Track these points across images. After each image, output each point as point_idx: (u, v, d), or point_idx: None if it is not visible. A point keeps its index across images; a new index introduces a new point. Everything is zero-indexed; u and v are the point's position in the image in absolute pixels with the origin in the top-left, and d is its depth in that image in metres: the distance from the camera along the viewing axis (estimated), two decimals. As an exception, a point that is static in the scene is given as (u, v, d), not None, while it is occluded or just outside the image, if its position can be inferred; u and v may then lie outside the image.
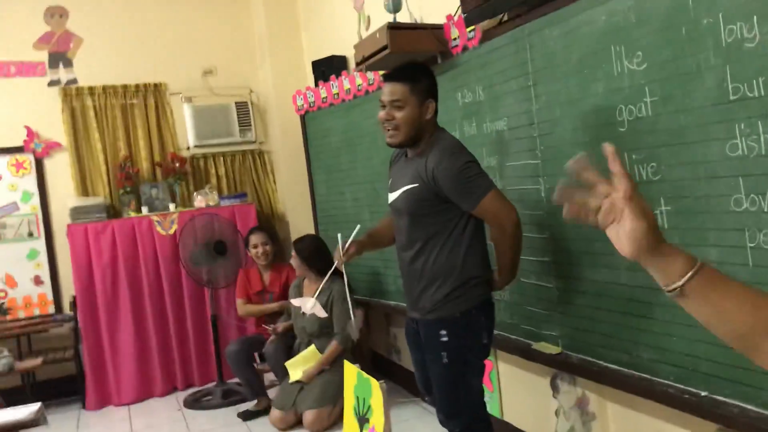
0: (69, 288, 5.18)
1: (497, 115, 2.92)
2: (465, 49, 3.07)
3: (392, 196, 2.58)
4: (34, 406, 3.09)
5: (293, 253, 4.21)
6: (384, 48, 3.16)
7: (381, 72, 3.66)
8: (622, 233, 0.95)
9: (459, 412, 2.55)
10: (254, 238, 4.69)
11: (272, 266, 4.76)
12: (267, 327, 4.38)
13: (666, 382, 2.20)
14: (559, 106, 2.53)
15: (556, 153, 2.58)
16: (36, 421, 3.01)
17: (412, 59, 2.75)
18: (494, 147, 2.96)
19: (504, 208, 2.39)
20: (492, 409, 3.23)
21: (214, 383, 5.00)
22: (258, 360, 4.46)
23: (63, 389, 5.06)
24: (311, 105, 4.86)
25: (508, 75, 2.81)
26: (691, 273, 0.94)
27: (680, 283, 0.95)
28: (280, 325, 4.35)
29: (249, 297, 4.68)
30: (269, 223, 5.71)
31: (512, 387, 3.36)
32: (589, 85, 2.36)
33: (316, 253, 4.15)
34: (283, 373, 4.16)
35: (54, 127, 5.28)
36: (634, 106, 2.18)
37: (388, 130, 2.47)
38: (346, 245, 2.71)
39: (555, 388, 2.96)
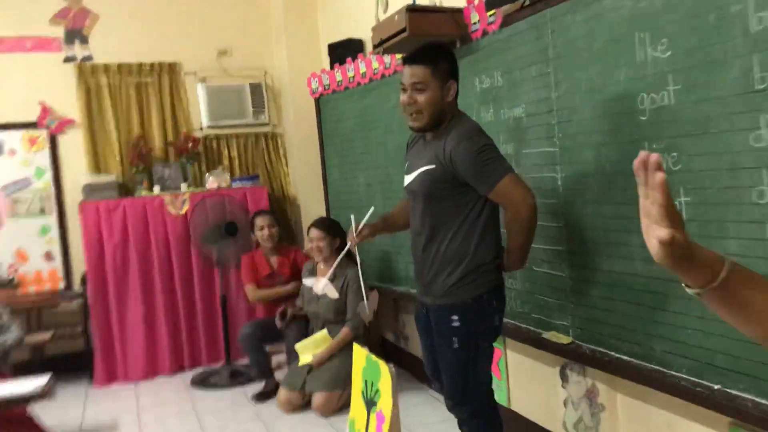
0: (80, 265, 5.20)
1: (515, 102, 2.89)
2: (485, 33, 3.04)
3: (408, 178, 2.56)
4: (43, 379, 3.11)
5: (315, 232, 4.14)
6: (402, 31, 3.13)
7: (399, 55, 3.64)
8: (651, 239, 0.91)
9: (467, 398, 2.53)
10: (260, 220, 4.68)
11: (278, 249, 4.75)
12: (289, 309, 4.33)
13: (678, 374, 2.18)
14: (580, 94, 2.50)
15: (575, 141, 2.55)
16: (44, 394, 3.03)
17: (433, 42, 2.72)
18: (511, 134, 2.93)
19: (521, 192, 2.36)
20: (500, 397, 3.22)
21: (221, 363, 5.01)
22: (280, 319, 4.33)
23: (71, 365, 5.08)
24: (326, 88, 4.84)
25: (527, 61, 2.78)
26: (712, 285, 0.91)
27: (697, 291, 0.93)
28: (299, 308, 4.33)
29: (257, 281, 4.67)
30: (280, 207, 5.71)
31: (521, 376, 3.34)
32: (610, 72, 2.33)
33: (337, 232, 4.12)
34: (295, 355, 4.17)
35: (68, 103, 5.28)
36: (657, 94, 2.14)
37: (411, 114, 2.44)
38: (359, 227, 2.70)
39: (564, 378, 2.95)
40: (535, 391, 3.23)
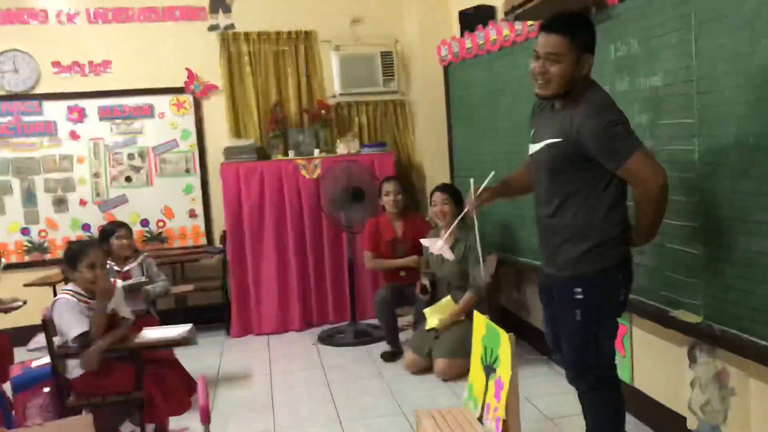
0: (220, 222, 5.57)
1: (652, 70, 2.76)
2: (622, -1, 2.92)
3: (534, 148, 2.53)
4: (187, 327, 3.40)
5: (439, 196, 4.22)
6: (536, -3, 3.07)
7: (531, 22, 3.57)
8: None
9: (588, 371, 2.51)
10: (387, 186, 4.79)
11: (404, 217, 4.83)
12: (423, 281, 4.39)
13: (820, 362, 2.06)
14: (723, 62, 2.36)
15: (715, 112, 2.42)
16: (188, 339, 3.31)
17: (569, 9, 2.64)
18: (647, 104, 2.82)
19: (650, 171, 2.27)
20: (622, 373, 3.16)
21: (347, 322, 5.22)
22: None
23: (210, 316, 5.47)
24: (455, 56, 4.83)
25: (667, 27, 2.65)
26: None
27: None
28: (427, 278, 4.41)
29: (378, 247, 4.78)
30: (406, 174, 5.79)
31: (645, 353, 3.25)
32: (759, 39, 2.18)
33: (459, 199, 4.17)
34: (422, 318, 4.28)
35: (212, 70, 5.61)
36: (811, 63, 1.99)
37: (539, 82, 2.40)
38: (479, 191, 2.71)
39: (692, 359, 2.84)
40: (660, 370, 3.14)
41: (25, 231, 5.44)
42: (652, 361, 3.21)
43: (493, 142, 4.43)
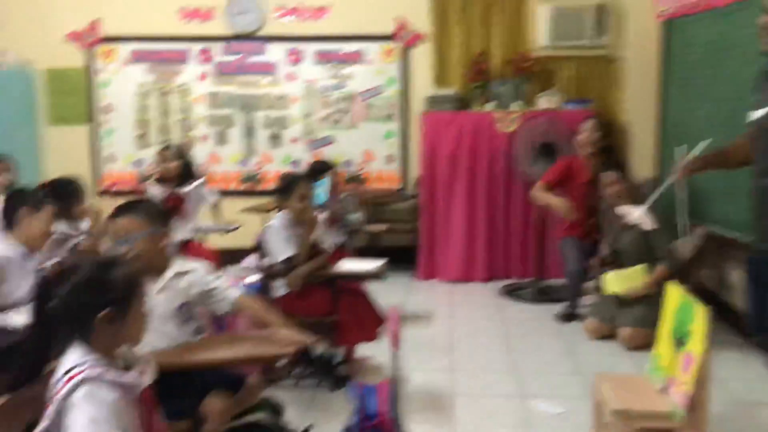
0: (415, 169, 5.75)
1: None
2: None
3: (759, 113, 2.34)
4: (380, 261, 3.64)
5: (608, 176, 4.08)
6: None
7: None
8: None
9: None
10: (584, 125, 4.59)
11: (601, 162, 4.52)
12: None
13: None
14: None
15: None
16: (380, 274, 3.56)
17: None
18: None
19: None
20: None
21: (530, 279, 5.22)
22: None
23: (399, 257, 5.68)
24: (676, 11, 4.51)
25: None
26: None
27: None
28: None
29: (571, 191, 4.55)
30: (608, 133, 5.54)
31: None
32: None
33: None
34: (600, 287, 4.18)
35: (421, 18, 5.71)
36: None
37: None
38: (691, 159, 2.58)
39: None
40: None
41: (243, 162, 6.01)
42: None
43: (711, 105, 4.12)
